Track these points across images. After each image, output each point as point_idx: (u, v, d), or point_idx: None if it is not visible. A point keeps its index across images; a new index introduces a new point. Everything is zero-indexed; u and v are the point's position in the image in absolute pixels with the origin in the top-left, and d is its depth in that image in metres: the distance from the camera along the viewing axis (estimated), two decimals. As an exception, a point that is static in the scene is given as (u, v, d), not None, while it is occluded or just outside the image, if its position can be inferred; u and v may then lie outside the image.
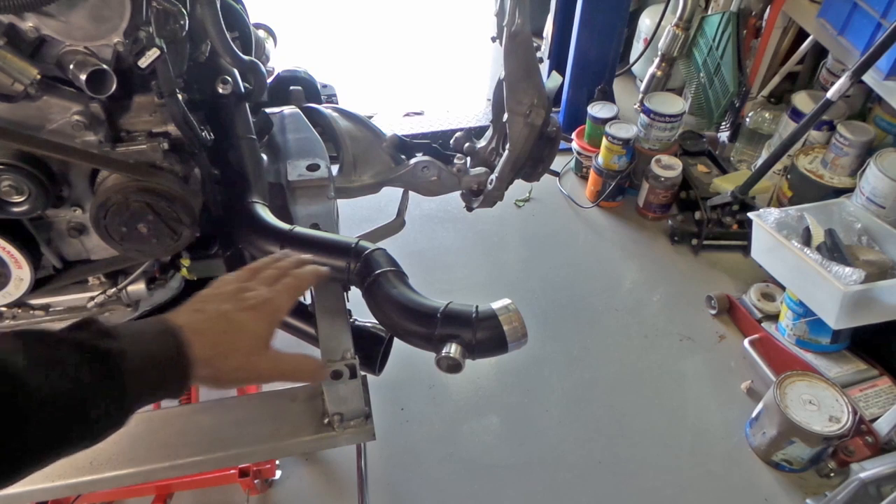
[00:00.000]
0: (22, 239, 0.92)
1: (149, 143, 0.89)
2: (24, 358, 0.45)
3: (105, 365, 0.48)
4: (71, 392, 0.46)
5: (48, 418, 0.45)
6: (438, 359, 0.76)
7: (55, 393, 0.45)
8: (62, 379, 0.46)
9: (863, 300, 1.52)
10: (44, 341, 0.47)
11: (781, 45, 2.34)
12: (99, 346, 0.49)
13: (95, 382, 0.47)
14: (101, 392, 0.48)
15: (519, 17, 1.10)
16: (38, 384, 0.44)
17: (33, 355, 0.45)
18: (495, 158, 1.36)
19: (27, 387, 0.44)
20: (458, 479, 1.58)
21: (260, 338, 0.60)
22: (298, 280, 0.66)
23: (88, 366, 0.47)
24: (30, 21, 0.74)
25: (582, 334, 1.93)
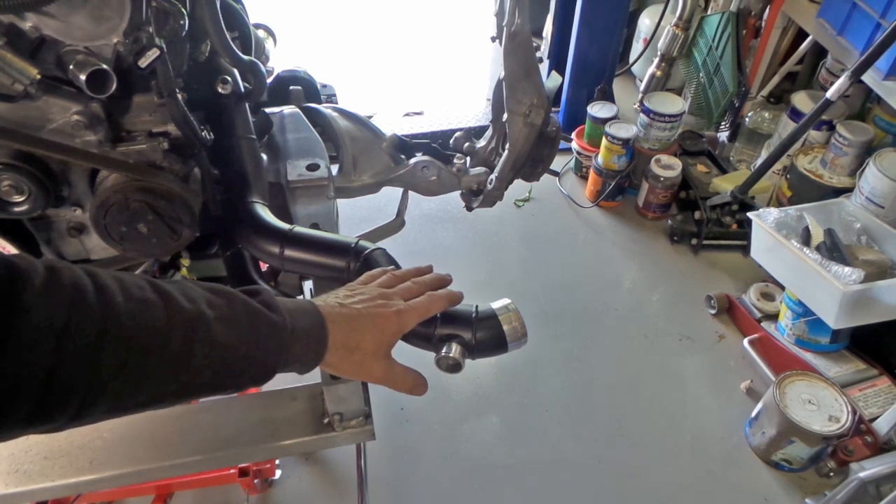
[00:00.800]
0: (22, 239, 0.92)
1: (149, 143, 0.89)
2: (212, 311, 0.54)
3: (269, 333, 0.57)
4: (239, 348, 0.55)
5: (219, 365, 0.54)
6: (438, 359, 0.75)
7: (228, 345, 0.54)
8: (235, 335, 0.54)
9: (862, 300, 1.53)
10: (227, 299, 0.56)
11: (781, 45, 2.34)
12: (268, 317, 0.57)
13: (259, 345, 0.56)
14: (261, 353, 0.57)
15: (518, 17, 1.10)
16: (220, 334, 0.53)
17: (220, 310, 0.54)
18: (495, 158, 1.36)
19: (212, 334, 0.53)
20: (458, 479, 1.58)
21: (383, 344, 0.66)
22: (431, 302, 0.71)
23: (257, 330, 0.56)
24: (30, 21, 0.74)
25: (582, 334, 1.93)
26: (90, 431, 0.92)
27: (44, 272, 0.47)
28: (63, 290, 0.46)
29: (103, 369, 0.48)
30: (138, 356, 0.49)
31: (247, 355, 0.55)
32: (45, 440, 0.91)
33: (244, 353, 0.55)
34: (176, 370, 0.52)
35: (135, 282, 0.51)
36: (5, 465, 0.88)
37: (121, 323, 0.48)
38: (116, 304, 0.49)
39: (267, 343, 0.57)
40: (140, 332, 0.49)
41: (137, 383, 0.50)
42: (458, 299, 0.75)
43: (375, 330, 0.65)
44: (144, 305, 0.50)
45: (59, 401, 0.47)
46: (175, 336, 0.51)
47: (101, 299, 0.48)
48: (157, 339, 0.50)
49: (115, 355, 0.48)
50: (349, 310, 0.65)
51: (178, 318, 0.51)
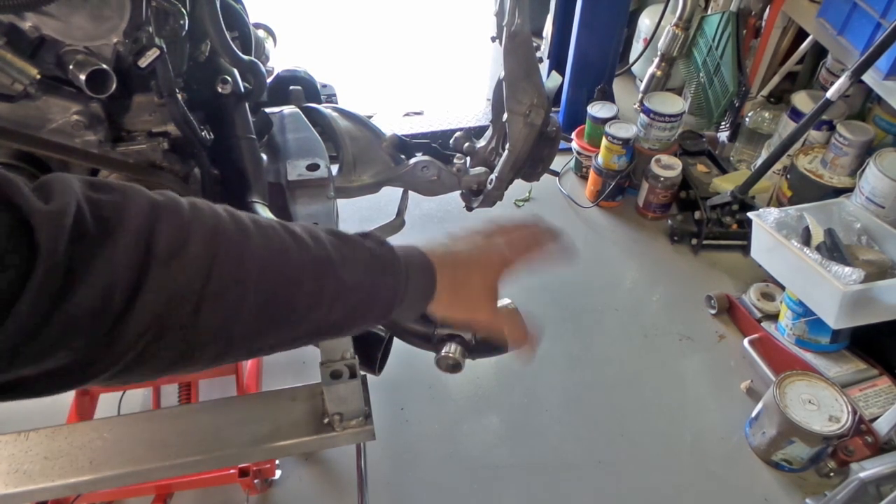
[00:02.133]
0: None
1: (148, 143, 0.89)
2: (337, 253, 0.55)
3: (387, 273, 0.59)
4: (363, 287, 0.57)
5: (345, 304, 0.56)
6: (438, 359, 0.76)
7: (352, 285, 0.56)
8: (358, 276, 0.56)
9: (862, 300, 1.53)
10: (347, 242, 0.57)
11: (781, 45, 2.34)
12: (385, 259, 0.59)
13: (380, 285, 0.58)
14: (382, 292, 0.58)
15: (518, 17, 1.11)
16: (346, 275, 0.55)
17: (343, 252, 0.56)
18: (495, 158, 1.36)
19: (340, 274, 0.55)
20: (458, 479, 1.58)
21: (488, 287, 0.67)
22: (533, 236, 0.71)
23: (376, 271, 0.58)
24: (30, 21, 0.74)
25: (582, 334, 1.93)
26: (90, 431, 0.92)
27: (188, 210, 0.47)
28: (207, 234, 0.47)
29: (243, 312, 0.49)
30: (275, 297, 0.50)
31: (370, 294, 0.57)
32: (44, 440, 0.91)
33: (367, 292, 0.57)
34: (308, 310, 0.53)
35: (269, 224, 0.52)
36: (5, 465, 0.88)
37: (259, 265, 0.49)
38: (255, 247, 0.49)
39: (386, 283, 0.59)
40: (277, 273, 0.50)
41: (275, 324, 0.52)
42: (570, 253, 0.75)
43: (481, 266, 0.66)
44: (280, 247, 0.51)
45: (199, 344, 0.47)
46: (307, 277, 0.52)
47: (241, 242, 0.49)
48: (292, 279, 0.52)
49: (253, 298, 0.49)
50: (454, 252, 0.66)
51: (309, 260, 0.53)
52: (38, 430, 0.92)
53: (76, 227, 0.40)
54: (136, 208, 0.44)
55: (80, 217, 0.40)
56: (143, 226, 0.43)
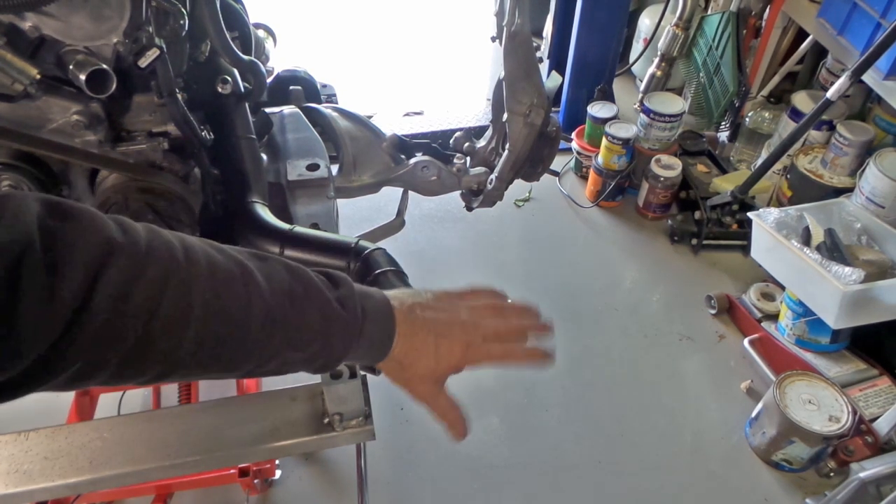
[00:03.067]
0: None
1: (148, 143, 0.89)
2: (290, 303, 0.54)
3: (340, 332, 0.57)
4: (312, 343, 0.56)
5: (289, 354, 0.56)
6: (438, 359, 0.75)
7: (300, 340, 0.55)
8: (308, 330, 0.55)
9: (862, 300, 1.53)
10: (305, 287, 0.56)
11: (781, 45, 2.34)
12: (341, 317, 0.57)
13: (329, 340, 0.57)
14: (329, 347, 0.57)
15: (518, 17, 1.11)
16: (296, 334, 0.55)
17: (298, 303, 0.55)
18: (495, 158, 1.36)
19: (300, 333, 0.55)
20: (458, 479, 1.58)
21: (436, 373, 0.64)
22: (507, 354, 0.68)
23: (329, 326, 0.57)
24: (30, 21, 0.74)
25: (582, 334, 1.93)
26: (90, 431, 0.92)
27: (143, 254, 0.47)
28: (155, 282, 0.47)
29: (181, 350, 0.49)
30: (216, 344, 0.51)
31: (315, 352, 0.57)
32: (44, 440, 0.91)
33: (314, 350, 0.57)
34: (248, 357, 0.54)
35: (227, 269, 0.52)
36: (5, 465, 0.88)
37: (205, 316, 0.50)
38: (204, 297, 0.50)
39: (334, 344, 0.58)
40: (222, 326, 0.51)
41: (211, 364, 0.52)
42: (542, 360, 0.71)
43: (433, 357, 0.63)
44: (232, 298, 0.51)
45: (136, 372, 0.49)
46: (253, 330, 0.52)
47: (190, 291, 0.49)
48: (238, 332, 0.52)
49: (193, 340, 0.49)
50: (422, 326, 0.62)
51: (259, 309, 0.52)
52: (38, 430, 0.92)
53: (21, 263, 0.39)
54: (89, 244, 0.44)
55: (29, 251, 0.40)
56: (92, 265, 0.43)
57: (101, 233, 0.45)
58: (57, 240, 0.42)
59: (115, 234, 0.46)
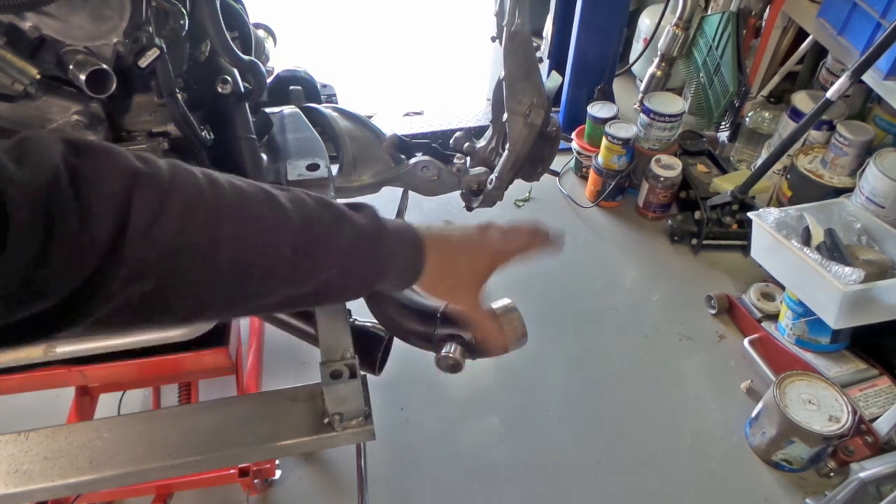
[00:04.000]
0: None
1: (148, 143, 0.89)
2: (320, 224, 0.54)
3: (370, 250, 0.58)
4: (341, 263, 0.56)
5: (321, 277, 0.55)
6: (438, 359, 0.76)
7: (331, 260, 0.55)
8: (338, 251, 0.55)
9: (862, 300, 1.53)
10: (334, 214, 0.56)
11: (781, 45, 2.34)
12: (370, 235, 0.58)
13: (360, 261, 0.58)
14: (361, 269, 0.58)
15: (518, 17, 1.10)
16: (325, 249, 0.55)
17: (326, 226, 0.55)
18: (495, 158, 1.36)
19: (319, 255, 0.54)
20: (458, 479, 1.58)
21: (476, 273, 0.67)
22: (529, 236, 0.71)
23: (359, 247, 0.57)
24: (30, 21, 0.74)
25: (582, 334, 1.93)
26: (90, 431, 0.92)
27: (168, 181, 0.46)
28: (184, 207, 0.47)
29: (213, 285, 0.49)
30: (247, 272, 0.51)
31: (347, 273, 0.57)
32: (44, 440, 0.91)
33: (345, 271, 0.57)
34: (281, 284, 0.53)
35: (253, 194, 0.52)
36: (5, 465, 0.88)
37: (234, 241, 0.49)
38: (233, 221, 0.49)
39: (367, 263, 0.58)
40: (252, 249, 0.51)
41: (243, 295, 0.52)
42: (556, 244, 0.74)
43: (470, 259, 0.66)
44: (259, 222, 0.51)
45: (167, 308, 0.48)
46: (284, 253, 0.52)
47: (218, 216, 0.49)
48: (268, 255, 0.51)
49: (225, 272, 0.49)
50: (448, 236, 0.66)
51: (290, 235, 0.52)
52: (38, 430, 0.91)
53: (52, 200, 0.40)
54: (114, 176, 0.44)
55: (58, 188, 0.40)
56: (120, 195, 0.43)
57: (124, 164, 0.45)
58: (82, 176, 0.42)
59: (138, 164, 0.46)
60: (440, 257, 0.64)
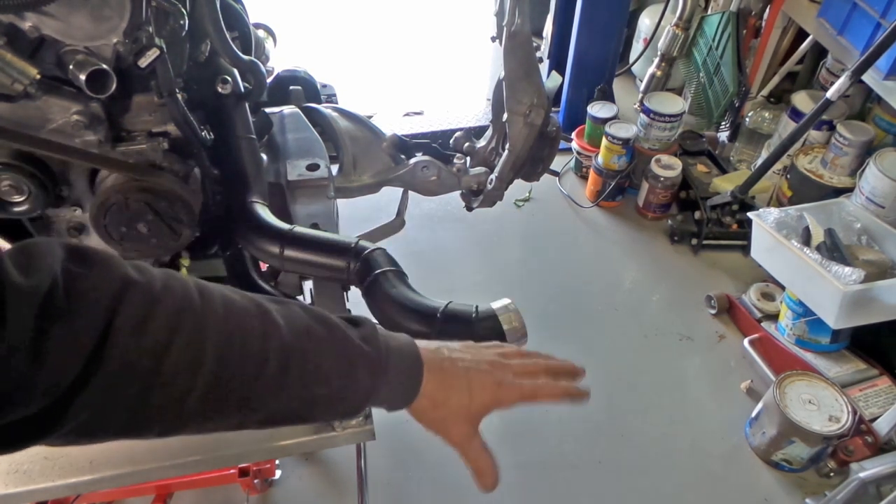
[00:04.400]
0: (22, 239, 0.92)
1: (149, 143, 0.89)
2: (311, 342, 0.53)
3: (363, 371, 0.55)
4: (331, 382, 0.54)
5: (308, 396, 0.53)
6: (438, 358, 0.75)
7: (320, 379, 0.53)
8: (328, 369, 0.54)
9: (862, 300, 1.53)
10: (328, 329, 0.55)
11: (781, 45, 2.34)
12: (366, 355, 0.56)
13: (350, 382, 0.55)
14: (352, 390, 0.56)
15: (518, 17, 1.10)
16: (315, 367, 0.53)
17: (318, 342, 0.53)
18: (495, 158, 1.36)
19: (308, 371, 0.52)
20: (457, 479, 1.58)
21: (470, 410, 0.62)
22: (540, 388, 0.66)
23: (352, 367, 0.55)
24: (30, 21, 0.74)
25: (582, 334, 1.93)
26: (90, 431, 0.92)
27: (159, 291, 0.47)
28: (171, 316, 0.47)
29: (194, 394, 0.48)
30: (231, 384, 0.49)
31: (337, 390, 0.55)
32: (45, 440, 0.91)
33: (335, 388, 0.54)
34: (266, 398, 0.51)
35: (243, 307, 0.51)
36: (5, 465, 0.88)
37: (219, 352, 0.48)
38: (218, 332, 0.49)
39: (359, 382, 0.55)
40: (237, 361, 0.49)
41: (226, 408, 0.50)
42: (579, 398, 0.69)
43: (467, 393, 0.61)
44: (247, 334, 0.50)
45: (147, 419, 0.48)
46: (271, 366, 0.50)
47: (205, 326, 0.48)
48: (253, 368, 0.50)
49: (207, 382, 0.48)
50: (450, 363, 0.61)
51: (279, 348, 0.51)
52: (38, 430, 0.91)
53: (46, 304, 0.41)
54: (106, 283, 0.45)
55: (53, 294, 0.42)
56: (108, 301, 0.44)
57: (118, 272, 0.46)
58: (77, 283, 0.44)
59: (131, 273, 0.47)
60: (437, 385, 0.59)
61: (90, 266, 0.45)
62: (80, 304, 0.43)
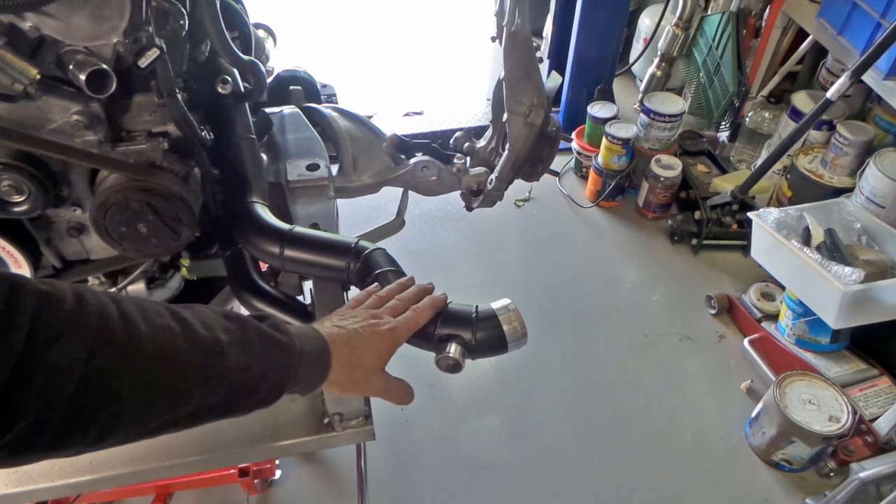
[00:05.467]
0: (21, 238, 0.92)
1: (148, 143, 0.89)
2: (226, 336, 0.56)
3: (279, 355, 0.60)
4: (251, 369, 0.58)
5: (232, 386, 0.56)
6: (438, 359, 0.75)
7: (241, 367, 0.57)
8: (247, 358, 0.57)
9: (862, 300, 1.53)
10: (240, 324, 0.59)
11: (781, 45, 2.34)
12: (278, 339, 0.61)
13: (270, 366, 0.59)
14: (272, 373, 0.60)
15: (518, 17, 1.10)
16: (234, 357, 0.56)
17: (233, 335, 0.57)
18: (495, 158, 1.36)
19: (227, 360, 0.56)
20: (458, 479, 1.58)
21: (381, 359, 0.71)
22: (418, 315, 0.75)
23: (268, 352, 0.59)
24: (30, 21, 0.74)
25: (582, 334, 1.93)
26: (90, 431, 0.92)
27: (72, 300, 0.48)
28: (90, 319, 0.48)
29: (124, 396, 0.49)
30: (157, 382, 0.51)
31: (258, 376, 0.59)
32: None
33: (256, 374, 0.58)
34: (192, 393, 0.54)
35: (155, 308, 0.54)
36: (5, 465, 0.87)
37: (143, 350, 0.50)
38: (139, 333, 0.50)
39: (277, 364, 0.60)
40: (160, 358, 0.52)
41: (156, 407, 0.53)
42: (441, 304, 0.78)
43: (373, 347, 0.69)
44: (165, 332, 0.53)
45: (81, 428, 0.48)
46: (192, 361, 0.54)
47: (125, 328, 0.50)
48: (176, 364, 0.52)
49: (135, 382, 0.50)
50: (347, 331, 0.69)
51: (196, 343, 0.54)
52: (38, 430, 0.91)
53: None
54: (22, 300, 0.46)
55: None
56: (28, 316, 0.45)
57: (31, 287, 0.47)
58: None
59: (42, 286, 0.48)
60: (346, 355, 0.66)
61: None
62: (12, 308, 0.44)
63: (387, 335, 0.71)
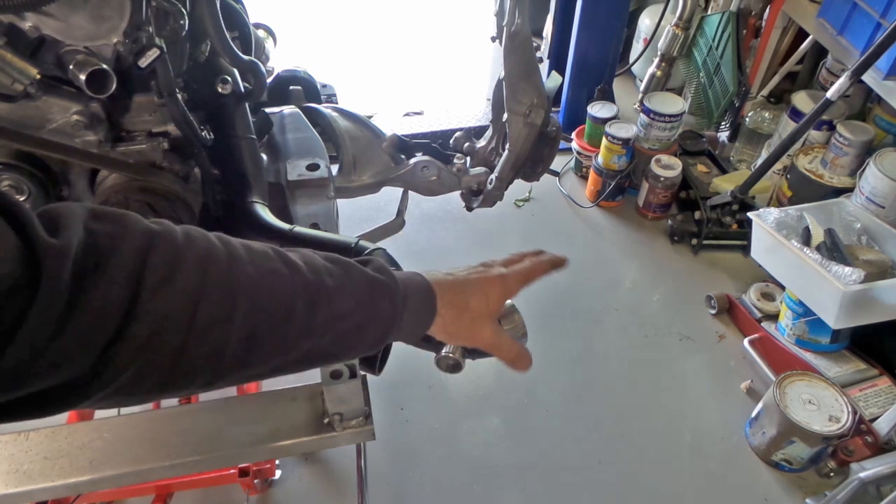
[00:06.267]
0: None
1: (149, 143, 0.89)
2: (332, 280, 0.55)
3: (384, 300, 0.58)
4: (356, 314, 0.56)
5: (338, 331, 0.55)
6: (438, 359, 0.75)
7: (347, 312, 0.55)
8: (353, 303, 0.56)
9: (862, 300, 1.53)
10: (345, 269, 0.57)
11: (781, 45, 2.34)
12: (383, 284, 0.58)
13: (375, 311, 0.58)
14: (377, 319, 0.58)
15: (518, 17, 1.10)
16: (340, 302, 0.55)
17: (339, 279, 0.56)
18: (495, 158, 1.36)
19: (334, 307, 0.54)
20: (458, 479, 1.58)
21: (490, 306, 0.67)
22: (533, 266, 0.73)
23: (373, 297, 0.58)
24: (30, 21, 0.74)
25: (582, 334, 1.93)
26: (90, 431, 0.92)
27: (182, 240, 0.48)
28: (198, 261, 0.47)
29: (232, 339, 0.49)
30: (265, 326, 0.51)
31: (363, 321, 0.57)
32: (44, 440, 0.91)
33: (361, 320, 0.57)
34: (299, 338, 0.53)
35: (263, 251, 0.53)
36: (5, 465, 0.88)
37: (250, 293, 0.50)
38: (247, 275, 0.50)
39: (382, 309, 0.58)
40: (267, 302, 0.51)
41: (263, 352, 0.52)
42: (561, 263, 0.77)
43: (481, 292, 0.66)
44: (272, 275, 0.52)
45: (189, 371, 0.48)
46: (299, 305, 0.52)
47: (232, 269, 0.49)
48: (283, 308, 0.52)
49: (243, 326, 0.49)
50: (454, 277, 0.66)
51: (302, 287, 0.53)
52: (38, 430, 0.92)
53: (77, 262, 0.42)
54: (130, 239, 0.45)
55: (81, 251, 0.42)
56: (136, 257, 0.45)
57: (139, 226, 0.47)
58: (101, 240, 0.44)
59: (153, 226, 0.47)
60: (452, 297, 0.64)
61: (111, 223, 0.46)
62: (107, 259, 0.43)
63: (496, 280, 0.68)
